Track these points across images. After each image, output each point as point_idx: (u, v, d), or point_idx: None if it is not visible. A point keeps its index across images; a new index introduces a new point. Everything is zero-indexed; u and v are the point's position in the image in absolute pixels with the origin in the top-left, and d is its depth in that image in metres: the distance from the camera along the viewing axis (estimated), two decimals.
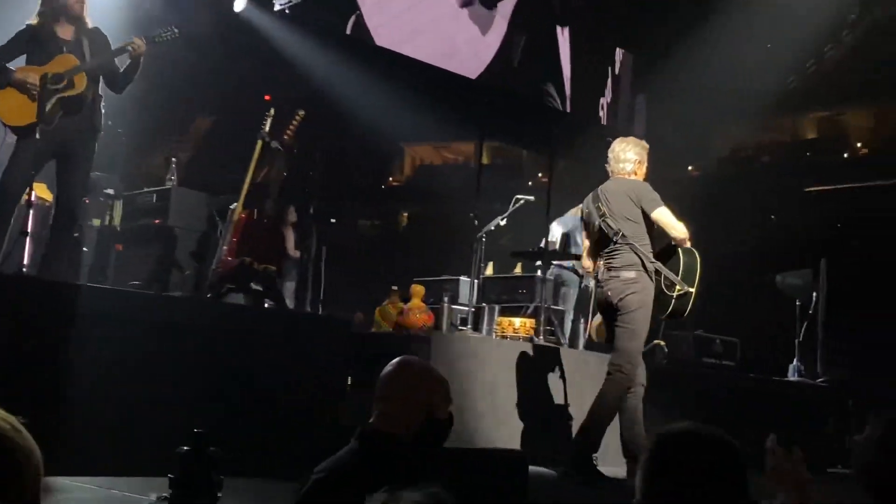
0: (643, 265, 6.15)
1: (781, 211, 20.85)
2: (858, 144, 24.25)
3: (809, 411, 9.19)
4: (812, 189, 21.96)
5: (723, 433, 1.93)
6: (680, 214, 6.49)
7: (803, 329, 9.35)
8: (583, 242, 6.72)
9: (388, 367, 2.91)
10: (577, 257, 9.45)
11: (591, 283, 9.87)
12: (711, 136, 22.28)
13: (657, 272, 6.16)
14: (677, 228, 6.20)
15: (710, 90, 16.20)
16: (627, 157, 6.43)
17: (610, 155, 6.52)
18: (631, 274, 6.15)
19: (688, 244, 6.22)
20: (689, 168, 23.88)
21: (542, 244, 8.91)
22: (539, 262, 8.76)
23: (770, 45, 17.89)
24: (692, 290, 6.01)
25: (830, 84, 22.50)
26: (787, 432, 7.81)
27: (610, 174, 6.53)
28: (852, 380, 9.61)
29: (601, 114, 14.97)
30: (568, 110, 13.98)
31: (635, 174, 6.42)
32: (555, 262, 9.46)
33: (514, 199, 9.19)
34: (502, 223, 9.06)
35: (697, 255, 6.14)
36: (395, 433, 2.73)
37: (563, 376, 7.28)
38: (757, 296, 15.94)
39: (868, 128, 24.60)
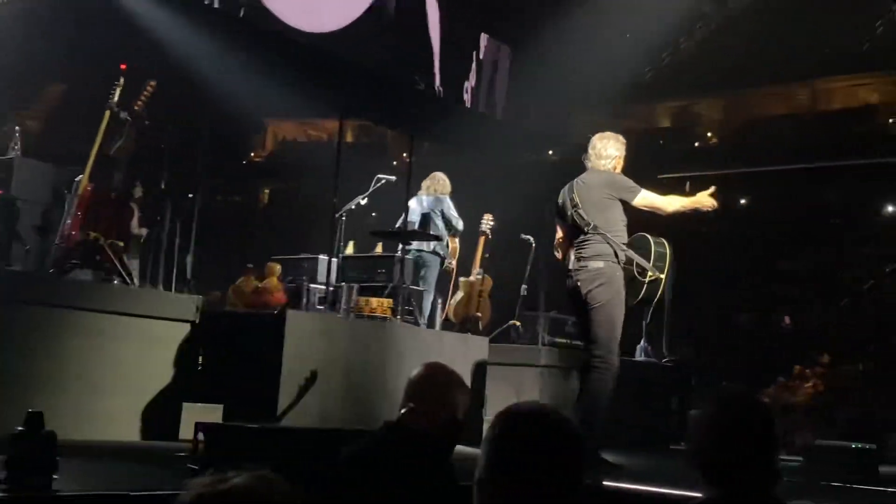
0: (615, 255, 6.19)
1: None
2: (709, 134, 25.23)
3: (655, 390, 9.56)
4: (664, 176, 22.73)
5: (567, 417, 1.96)
6: (541, 199, 6.62)
7: (650, 312, 9.69)
8: (558, 231, 6.69)
9: (421, 370, 3.19)
10: (438, 238, 9.51)
11: (453, 264, 9.98)
12: (571, 122, 22.74)
13: (629, 260, 6.18)
14: (665, 206, 6.29)
15: (571, 77, 16.54)
16: (609, 153, 6.50)
17: (590, 151, 6.57)
18: (599, 264, 6.18)
19: (695, 206, 6.34)
20: (550, 153, 24.37)
21: (400, 224, 8.92)
22: (399, 243, 8.77)
23: (628, 35, 18.39)
24: (662, 276, 6.11)
25: (683, 75, 23.33)
26: (635, 409, 8.08)
27: (588, 168, 6.58)
28: (695, 359, 10.03)
29: (465, 97, 15.10)
30: (436, 92, 14.03)
31: (615, 170, 6.48)
32: (415, 243, 9.50)
33: (375, 179, 9.17)
34: (363, 202, 9.03)
35: (667, 244, 6.25)
36: (422, 429, 2.97)
37: (419, 356, 7.33)
38: None
39: (718, 118, 25.61)
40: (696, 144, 24.75)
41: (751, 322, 18.44)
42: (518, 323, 9.63)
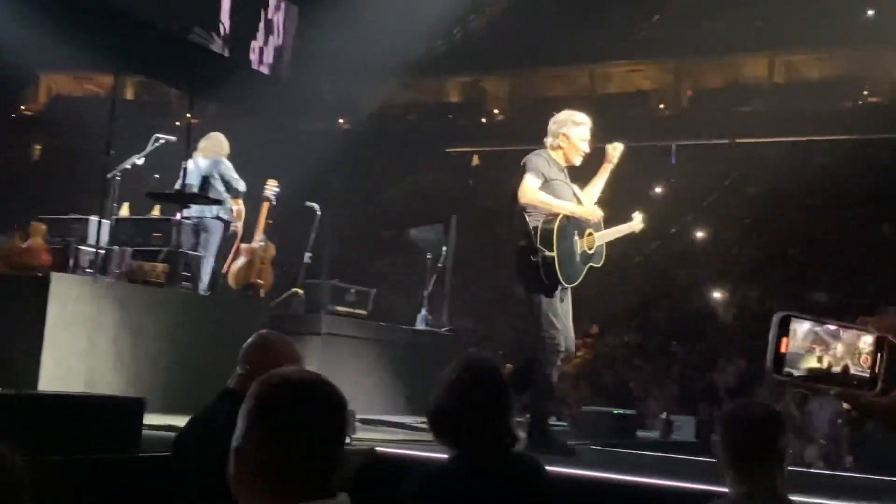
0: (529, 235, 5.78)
1: (422, 168, 21.82)
2: (496, 110, 25.89)
3: (435, 357, 9.71)
4: (451, 150, 23.19)
5: (331, 383, 1.87)
6: (330, 167, 6.39)
7: (432, 281, 9.85)
8: None
9: (254, 337, 3.26)
10: (219, 202, 9.24)
11: (238, 227, 9.73)
12: (362, 92, 22.71)
13: (522, 249, 5.77)
14: (519, 191, 5.77)
15: (362, 46, 16.49)
16: (549, 129, 5.99)
17: None
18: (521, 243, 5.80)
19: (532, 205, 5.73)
20: (340, 121, 24.28)
21: (178, 186, 8.61)
22: (177, 205, 8.45)
23: (420, 10, 18.50)
24: (552, 253, 5.52)
25: (473, 51, 23.81)
26: (411, 377, 8.17)
27: None
28: (475, 329, 10.30)
29: (252, 57, 14.73)
30: (220, 50, 13.59)
31: (560, 148, 5.91)
32: (196, 207, 9.18)
33: (153, 138, 8.79)
34: (139, 162, 8.63)
35: (556, 222, 5.64)
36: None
37: (194, 323, 7.12)
38: (392, 248, 16.59)
39: (505, 96, 26.32)
40: (484, 121, 25.34)
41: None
42: (300, 291, 9.54)
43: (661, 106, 24.05)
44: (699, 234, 20.14)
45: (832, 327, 1.08)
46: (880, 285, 15.15)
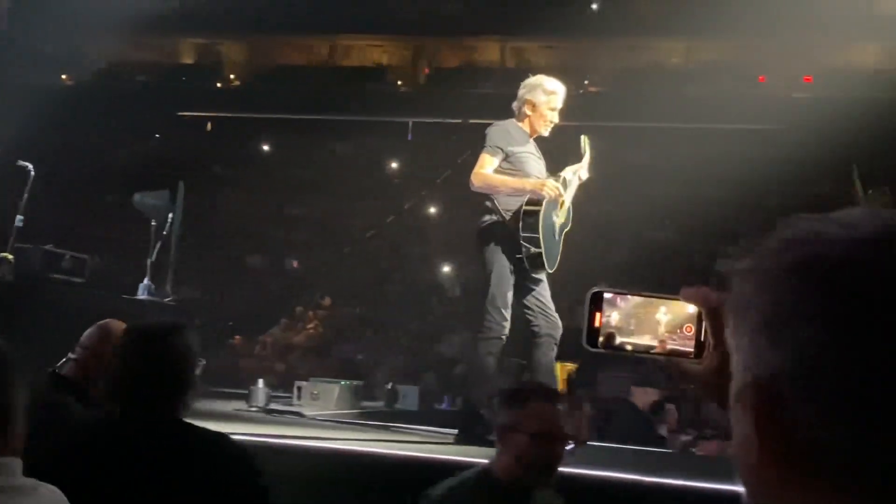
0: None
1: (152, 131, 20.90)
2: (232, 76, 25.22)
3: None
4: (184, 114, 22.35)
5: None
6: (50, 125, 5.90)
7: (157, 249, 9.44)
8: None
9: (93, 326, 3.30)
10: None
11: None
12: (88, 47, 21.40)
13: (487, 227, 5.33)
14: (472, 173, 5.27)
15: None
16: (518, 94, 5.46)
17: None
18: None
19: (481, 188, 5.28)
20: (63, 76, 22.74)
21: None
22: None
23: None
24: (539, 249, 5.09)
25: (210, 13, 23.01)
26: None
27: None
28: (201, 299, 10.01)
29: None
30: None
31: (526, 117, 5.42)
32: None
33: None
34: None
35: (541, 211, 5.19)
36: (73, 376, 3.18)
37: None
38: (118, 213, 15.78)
39: (241, 61, 25.69)
40: (219, 85, 24.63)
41: (260, 264, 18.89)
42: (10, 256, 8.84)
43: (399, 82, 24.39)
44: (432, 210, 20.63)
45: (642, 299, 1.09)
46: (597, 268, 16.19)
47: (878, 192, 16.55)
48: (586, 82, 22.43)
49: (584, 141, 5.61)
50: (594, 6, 22.69)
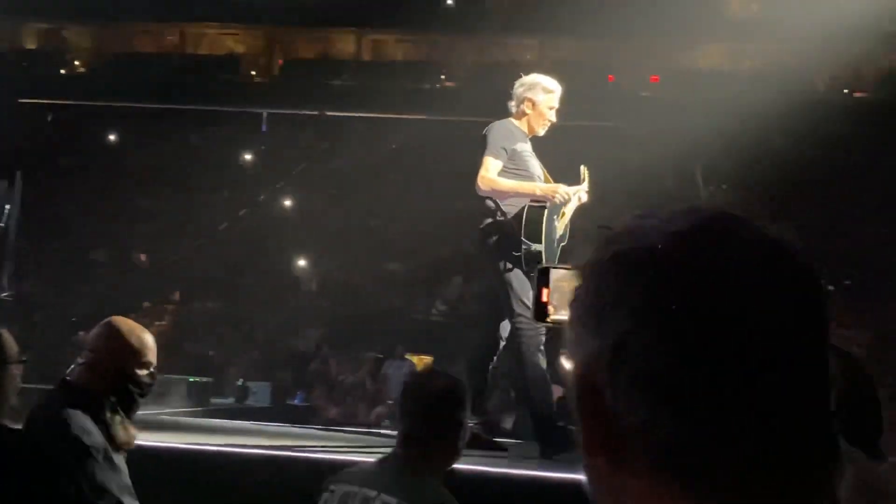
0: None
1: None
2: (77, 62, 24.23)
3: None
4: (26, 101, 21.34)
5: None
6: None
7: None
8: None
9: (98, 325, 3.03)
10: None
11: None
12: None
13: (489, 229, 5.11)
14: (479, 177, 5.03)
15: None
16: (514, 93, 5.26)
17: None
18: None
19: (486, 193, 5.07)
20: None
21: None
22: None
23: None
24: (539, 246, 4.89)
25: None
26: None
27: None
28: (41, 294, 9.57)
29: None
30: None
31: (524, 115, 5.23)
32: None
33: None
34: None
35: (546, 208, 5.00)
36: (84, 383, 2.90)
37: None
38: None
39: (87, 47, 24.72)
40: (63, 72, 23.63)
41: (106, 258, 18.22)
42: None
43: (253, 72, 23.96)
44: (288, 203, 20.39)
45: (564, 272, 1.08)
46: (444, 258, 16.33)
47: (719, 190, 17.32)
48: (442, 77, 22.60)
49: (584, 171, 5.38)
50: (450, 2, 22.87)
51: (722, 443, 0.68)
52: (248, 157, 21.84)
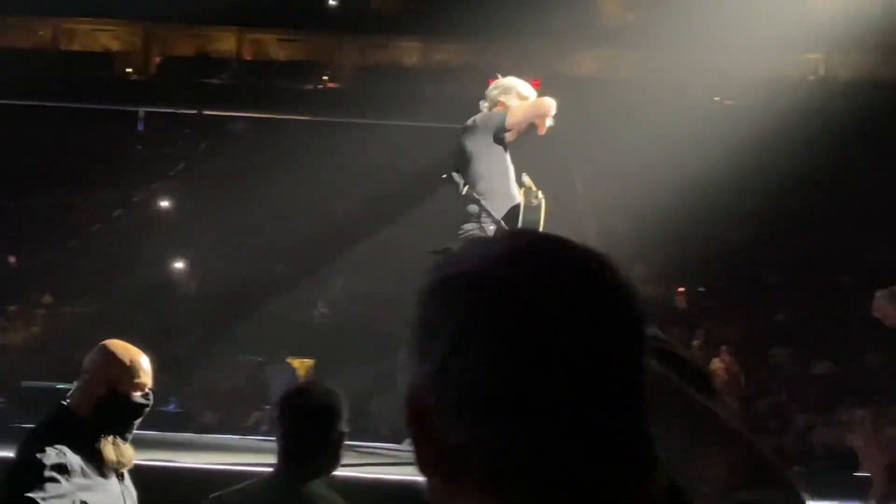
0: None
1: None
2: None
3: None
4: None
5: None
6: None
7: None
8: None
9: (92, 351, 3.01)
10: None
11: None
12: None
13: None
14: (533, 110, 4.87)
15: None
16: (488, 94, 5.10)
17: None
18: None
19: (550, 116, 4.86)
20: None
21: None
22: None
23: None
24: None
25: None
26: None
27: None
28: None
29: None
30: None
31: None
32: None
33: None
34: None
35: (542, 208, 4.76)
36: (78, 407, 2.90)
37: None
38: None
39: None
40: None
41: None
42: None
43: (129, 70, 23.31)
44: (165, 203, 19.94)
45: None
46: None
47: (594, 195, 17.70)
48: (325, 78, 22.46)
49: (528, 180, 5.21)
50: (332, 2, 22.75)
51: (540, 459, 0.70)
52: (124, 156, 21.26)
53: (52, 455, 2.69)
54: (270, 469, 2.74)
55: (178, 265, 17.67)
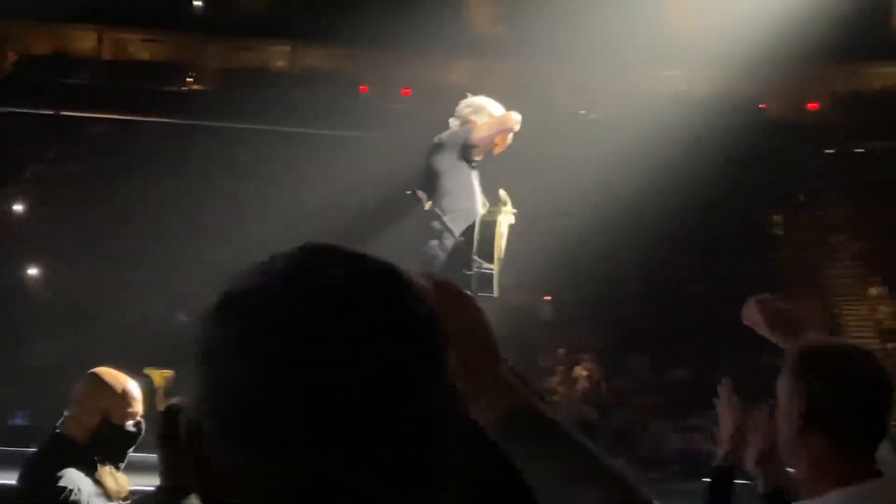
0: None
1: None
2: None
3: None
4: None
5: None
6: None
7: None
8: None
9: (81, 379, 3.03)
10: None
11: None
12: None
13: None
14: (498, 125, 4.67)
15: None
16: (458, 111, 4.84)
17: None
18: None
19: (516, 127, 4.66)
20: None
21: None
22: None
23: None
24: (492, 267, 4.34)
25: None
26: None
27: None
28: None
29: None
30: None
31: None
32: None
33: None
34: None
35: (497, 222, 4.51)
36: (74, 435, 2.91)
37: None
38: None
39: None
40: None
41: None
42: None
43: None
44: (17, 207, 19.16)
45: None
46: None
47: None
48: (189, 79, 21.95)
49: (505, 195, 4.98)
50: (197, 3, 22.25)
51: (302, 486, 0.67)
52: None
53: (72, 477, 2.74)
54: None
55: (32, 272, 16.98)
